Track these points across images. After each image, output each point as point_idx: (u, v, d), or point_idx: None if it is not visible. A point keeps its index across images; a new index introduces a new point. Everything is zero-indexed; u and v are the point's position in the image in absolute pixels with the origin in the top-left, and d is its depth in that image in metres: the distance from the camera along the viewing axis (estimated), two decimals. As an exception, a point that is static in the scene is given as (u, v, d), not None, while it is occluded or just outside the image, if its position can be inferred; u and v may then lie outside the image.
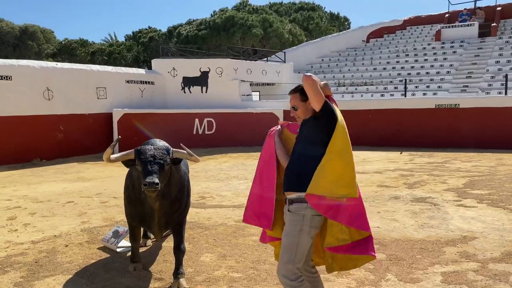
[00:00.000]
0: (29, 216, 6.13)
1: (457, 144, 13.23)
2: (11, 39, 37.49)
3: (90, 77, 13.32)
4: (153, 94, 15.23)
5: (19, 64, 11.83)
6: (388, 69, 19.13)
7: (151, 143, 3.66)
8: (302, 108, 2.86)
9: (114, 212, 6.27)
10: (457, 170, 9.41)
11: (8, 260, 4.36)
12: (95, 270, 4.12)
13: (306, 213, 2.67)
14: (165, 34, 36.22)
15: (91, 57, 34.11)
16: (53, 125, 12.34)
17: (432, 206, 6.28)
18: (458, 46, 19.33)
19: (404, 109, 14.12)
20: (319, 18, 36.93)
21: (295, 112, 2.91)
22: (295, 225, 2.69)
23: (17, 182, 9.00)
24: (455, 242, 4.65)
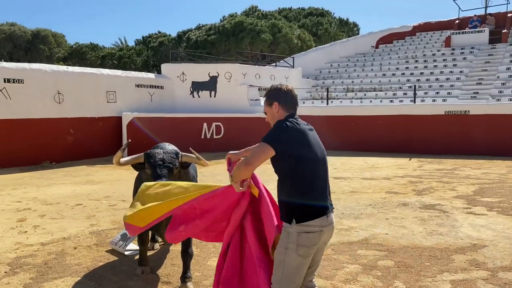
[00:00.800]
0: (39, 218, 6.19)
1: (467, 151, 13.11)
2: (23, 43, 37.96)
3: (100, 81, 13.44)
4: (162, 98, 15.33)
5: (31, 68, 11.98)
6: (397, 75, 19.06)
7: (160, 146, 3.69)
8: (268, 114, 2.71)
9: (122, 215, 6.26)
10: (466, 177, 9.32)
11: (18, 262, 4.40)
12: (103, 272, 4.14)
13: (291, 230, 2.49)
14: (175, 39, 36.46)
15: (101, 61, 34.42)
16: (63, 128, 12.46)
17: (441, 213, 6.22)
18: (468, 52, 19.20)
19: (413, 115, 14.04)
20: (328, 24, 36.94)
21: (266, 118, 2.78)
22: (281, 243, 2.55)
23: (27, 184, 9.09)
24: (464, 250, 4.61)
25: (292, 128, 2.50)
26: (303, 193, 2.48)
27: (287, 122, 2.52)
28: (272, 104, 2.63)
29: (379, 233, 5.25)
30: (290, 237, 2.48)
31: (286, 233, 2.51)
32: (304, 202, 2.47)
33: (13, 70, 11.49)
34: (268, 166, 2.68)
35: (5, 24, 38.99)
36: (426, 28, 23.17)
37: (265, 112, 2.72)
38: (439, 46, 20.78)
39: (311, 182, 2.50)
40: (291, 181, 2.49)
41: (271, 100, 2.64)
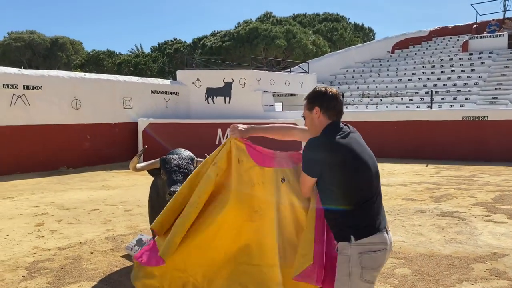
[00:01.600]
0: (56, 223, 6.27)
1: (486, 157, 12.87)
2: (42, 50, 38.75)
3: (117, 88, 13.62)
4: (178, 105, 15.45)
5: (49, 75, 12.20)
6: (413, 81, 18.86)
7: (175, 152, 3.71)
8: (308, 119, 2.38)
9: (138, 221, 6.34)
10: (486, 184, 9.14)
11: (36, 266, 4.45)
12: (119, 278, 4.16)
13: (350, 251, 2.18)
14: (190, 46, 36.78)
15: (118, 68, 34.89)
16: (80, 134, 12.64)
17: (460, 220, 6.10)
18: (486, 57, 18.91)
19: (430, 121, 13.86)
20: (343, 29, 36.83)
21: (304, 123, 2.45)
22: (341, 270, 2.22)
23: (45, 189, 9.22)
24: (484, 259, 4.51)
25: (328, 143, 2.20)
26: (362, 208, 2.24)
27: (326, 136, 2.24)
28: (312, 109, 2.32)
29: (396, 240, 5.17)
30: (351, 261, 2.17)
31: (345, 256, 2.20)
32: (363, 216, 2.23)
33: (32, 77, 11.72)
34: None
35: (24, 32, 39.88)
36: (443, 33, 22.92)
37: (304, 116, 2.40)
38: (456, 51, 20.52)
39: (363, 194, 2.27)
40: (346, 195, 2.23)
41: (312, 105, 2.33)
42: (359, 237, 2.17)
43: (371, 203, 2.24)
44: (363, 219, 2.21)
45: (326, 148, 2.20)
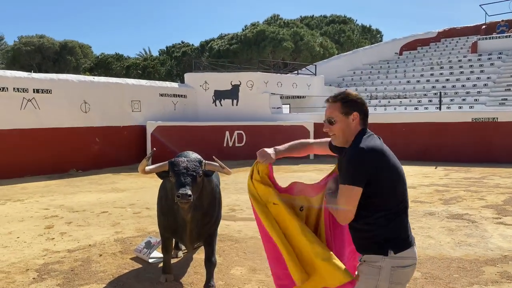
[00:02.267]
0: (66, 225, 6.32)
1: (495, 159, 12.74)
2: (51, 54, 39.13)
3: (125, 91, 13.71)
4: (186, 107, 15.51)
5: (59, 78, 12.32)
6: (422, 82, 18.75)
7: (184, 155, 3.72)
8: (341, 124, 2.21)
9: (146, 223, 6.37)
10: (496, 186, 9.05)
11: (46, 268, 4.49)
12: (127, 280, 4.18)
13: (383, 264, 2.10)
14: (198, 49, 36.97)
15: (126, 71, 35.15)
16: (89, 137, 12.73)
17: (470, 223, 6.05)
18: (496, 58, 18.75)
19: (439, 122, 13.76)
20: (350, 31, 36.77)
21: (330, 127, 2.24)
22: (369, 280, 2.13)
23: (54, 192, 9.30)
24: (495, 262, 4.46)
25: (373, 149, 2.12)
26: (399, 217, 2.17)
27: (369, 141, 2.15)
28: (350, 114, 2.19)
29: (405, 243, 5.13)
30: (381, 274, 2.10)
31: (375, 269, 2.11)
32: (400, 227, 2.15)
33: (41, 81, 11.84)
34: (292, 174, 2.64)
35: (34, 36, 40.32)
36: (452, 34, 22.77)
37: (331, 118, 2.23)
38: (465, 52, 20.37)
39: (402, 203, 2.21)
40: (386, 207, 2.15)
41: (350, 109, 2.19)
42: (398, 250, 2.11)
43: (406, 214, 2.20)
44: (401, 231, 2.15)
45: (376, 152, 2.11)
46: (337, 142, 2.26)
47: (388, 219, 2.12)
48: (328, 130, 2.26)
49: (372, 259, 2.13)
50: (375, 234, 2.13)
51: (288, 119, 15.84)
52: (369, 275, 2.13)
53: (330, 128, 2.24)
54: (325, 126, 2.26)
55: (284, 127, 15.12)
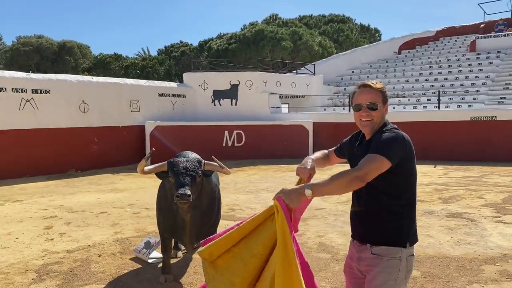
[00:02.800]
0: (65, 226, 6.31)
1: (494, 157, 12.75)
2: (50, 54, 39.04)
3: (124, 91, 13.69)
4: (184, 107, 15.49)
5: (57, 78, 12.30)
6: (420, 81, 18.76)
7: (183, 155, 3.71)
8: (380, 111, 2.22)
9: (146, 223, 6.36)
10: (495, 184, 9.06)
11: (45, 269, 4.48)
12: (127, 280, 4.18)
13: (402, 255, 2.14)
14: (196, 48, 36.92)
15: (125, 71, 35.10)
16: (88, 137, 12.71)
17: (469, 222, 6.05)
18: (494, 56, 18.77)
19: (438, 121, 13.76)
20: (349, 30, 36.76)
21: (371, 112, 2.21)
22: (390, 274, 2.13)
23: (54, 192, 9.29)
24: (494, 260, 4.46)
25: (405, 136, 2.16)
26: (413, 210, 2.23)
27: (398, 130, 2.20)
28: (385, 104, 2.25)
29: (405, 242, 5.14)
30: (401, 264, 2.14)
31: (396, 261, 2.13)
32: (414, 219, 2.22)
33: (40, 81, 11.82)
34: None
35: (33, 36, 40.24)
36: (450, 32, 22.79)
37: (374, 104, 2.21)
38: (464, 51, 20.39)
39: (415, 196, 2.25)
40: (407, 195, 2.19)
41: (386, 99, 2.26)
42: (413, 242, 2.18)
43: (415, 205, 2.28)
44: (415, 223, 2.23)
45: (409, 140, 2.16)
46: (370, 129, 2.23)
47: (410, 209, 2.19)
48: (367, 115, 2.21)
49: (392, 252, 2.13)
50: (400, 224, 2.15)
51: (287, 118, 15.84)
52: (389, 268, 2.14)
53: (371, 113, 2.21)
54: (364, 111, 2.21)
55: (283, 126, 15.12)
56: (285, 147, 14.88)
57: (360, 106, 2.24)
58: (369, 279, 2.19)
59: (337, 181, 2.04)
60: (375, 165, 2.05)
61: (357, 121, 2.29)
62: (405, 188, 2.17)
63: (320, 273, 4.26)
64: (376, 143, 2.12)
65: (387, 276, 2.14)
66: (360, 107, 2.24)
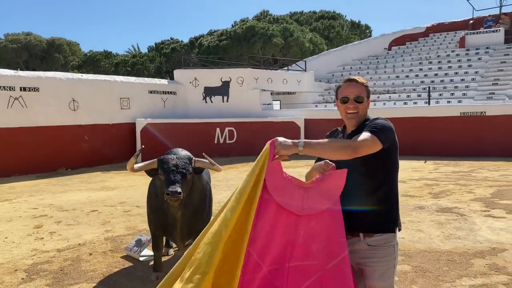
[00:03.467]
0: (55, 225, 6.25)
1: (484, 152, 12.89)
2: (39, 51, 38.62)
3: (114, 88, 13.59)
4: (175, 104, 15.42)
5: (46, 76, 12.17)
6: (411, 77, 18.87)
7: (173, 152, 3.69)
8: (365, 105, 2.30)
9: (137, 221, 6.33)
10: (484, 179, 9.15)
11: (35, 268, 4.44)
12: (118, 278, 4.15)
13: (395, 242, 2.25)
14: (187, 45, 36.73)
15: (115, 68, 34.83)
16: (78, 135, 12.61)
17: (459, 216, 6.11)
18: (483, 52, 18.93)
19: (428, 117, 13.87)
20: (340, 27, 36.81)
21: (357, 105, 2.27)
22: (387, 262, 2.22)
23: (43, 191, 9.20)
24: (483, 254, 4.51)
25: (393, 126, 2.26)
26: (397, 197, 2.33)
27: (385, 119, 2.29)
28: (368, 99, 2.34)
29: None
30: (395, 251, 2.25)
31: (391, 249, 2.22)
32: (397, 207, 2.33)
33: (28, 78, 11.68)
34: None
35: (21, 33, 39.75)
36: (440, 29, 22.92)
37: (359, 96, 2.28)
38: (453, 47, 20.53)
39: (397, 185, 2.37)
40: (391, 182, 2.28)
41: (369, 95, 2.35)
42: (400, 228, 2.32)
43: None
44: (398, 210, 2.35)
45: (393, 127, 2.24)
46: (355, 121, 2.30)
47: (395, 196, 2.32)
48: (354, 107, 2.28)
49: (387, 240, 2.22)
50: (387, 210, 2.25)
51: (278, 115, 15.85)
52: (388, 256, 2.22)
53: (357, 106, 2.28)
54: (351, 103, 2.27)
55: (275, 123, 15.13)
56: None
57: (347, 99, 2.30)
58: (368, 272, 2.22)
59: (331, 143, 2.14)
60: (368, 142, 2.10)
61: (343, 114, 2.34)
62: (389, 174, 2.27)
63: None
64: (369, 126, 2.18)
65: (386, 265, 2.21)
66: (347, 99, 2.30)
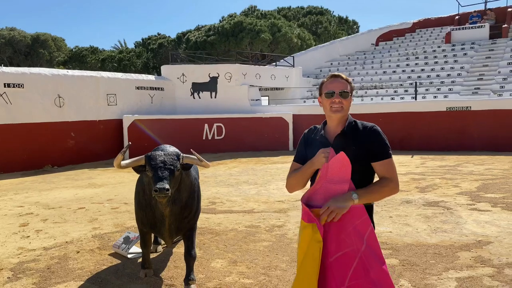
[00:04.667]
0: (41, 223, 6.17)
1: (469, 147, 13.07)
2: (23, 47, 37.97)
3: (101, 84, 13.44)
4: (163, 100, 15.32)
5: (31, 72, 11.98)
6: (398, 72, 19.01)
7: (161, 149, 3.67)
8: (350, 100, 2.35)
9: (125, 218, 6.29)
10: (469, 173, 9.28)
11: (21, 267, 4.38)
12: (106, 276, 4.12)
13: None
14: (174, 41, 36.47)
15: (102, 64, 34.46)
16: (64, 132, 12.46)
17: (445, 210, 6.19)
18: (469, 48, 19.16)
19: (415, 112, 14.00)
20: (327, 22, 36.90)
21: (343, 100, 2.31)
22: None
23: (29, 188, 9.08)
24: (469, 247, 4.58)
25: None
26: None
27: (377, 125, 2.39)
28: (352, 95, 2.39)
29: (383, 231, 5.23)
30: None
31: None
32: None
33: (13, 74, 11.49)
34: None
35: (4, 29, 39.04)
36: (426, 24, 23.12)
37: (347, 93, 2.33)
38: (440, 42, 20.73)
39: None
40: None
41: (352, 92, 2.40)
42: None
43: None
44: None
45: None
46: (339, 116, 2.32)
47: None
48: (339, 101, 2.31)
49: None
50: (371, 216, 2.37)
51: (267, 111, 15.85)
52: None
53: (342, 101, 2.31)
54: (337, 97, 2.30)
55: (263, 119, 15.13)
56: (265, 140, 14.90)
57: (332, 93, 2.31)
58: None
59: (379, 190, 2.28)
60: (395, 166, 2.32)
61: (327, 108, 2.34)
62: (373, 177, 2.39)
63: (300, 263, 4.29)
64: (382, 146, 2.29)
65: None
66: (333, 93, 2.31)
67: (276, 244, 4.91)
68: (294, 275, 3.97)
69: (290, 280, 3.87)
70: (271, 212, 6.43)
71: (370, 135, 2.29)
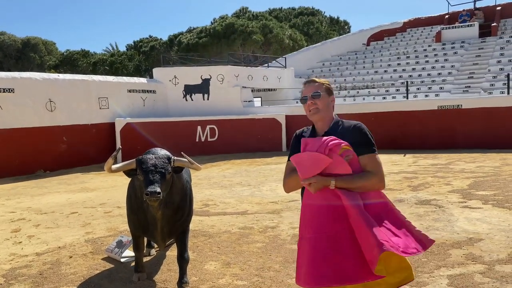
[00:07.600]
0: (33, 228, 6.14)
1: (461, 145, 13.17)
2: (13, 51, 37.73)
3: (92, 88, 13.38)
4: (155, 103, 15.28)
5: (22, 77, 11.90)
6: (389, 72, 19.12)
7: (152, 152, 3.67)
8: (324, 100, 2.38)
9: (117, 222, 6.26)
10: (461, 171, 9.35)
11: (13, 273, 4.36)
12: (99, 281, 4.11)
13: None
14: (166, 43, 36.41)
15: (93, 68, 34.31)
16: (56, 136, 12.39)
17: (437, 208, 6.23)
18: (459, 47, 19.31)
19: (407, 111, 14.08)
20: (319, 23, 37.05)
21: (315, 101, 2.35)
22: None
23: (21, 194, 9.02)
24: (461, 244, 4.61)
25: None
26: None
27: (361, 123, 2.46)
28: (331, 95, 2.43)
29: (376, 230, 5.25)
30: None
31: None
32: None
33: (3, 79, 11.41)
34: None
35: (-6, 33, 38.76)
36: (417, 24, 23.26)
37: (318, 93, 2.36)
38: (430, 42, 20.88)
39: None
40: None
41: (331, 92, 2.44)
42: None
43: None
44: None
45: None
46: (318, 117, 2.38)
47: None
48: (312, 103, 2.37)
49: None
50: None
51: (259, 112, 15.86)
52: None
53: (315, 101, 2.37)
54: (309, 100, 2.37)
55: (256, 120, 15.14)
56: (258, 141, 14.91)
57: (305, 98, 2.41)
58: None
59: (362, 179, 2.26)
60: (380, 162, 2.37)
61: (307, 113, 2.44)
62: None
63: (294, 264, 4.30)
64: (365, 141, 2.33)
65: None
66: (306, 98, 2.41)
67: (269, 245, 4.92)
68: (287, 276, 3.99)
69: (283, 281, 3.89)
70: (264, 213, 6.44)
71: (354, 132, 2.34)
